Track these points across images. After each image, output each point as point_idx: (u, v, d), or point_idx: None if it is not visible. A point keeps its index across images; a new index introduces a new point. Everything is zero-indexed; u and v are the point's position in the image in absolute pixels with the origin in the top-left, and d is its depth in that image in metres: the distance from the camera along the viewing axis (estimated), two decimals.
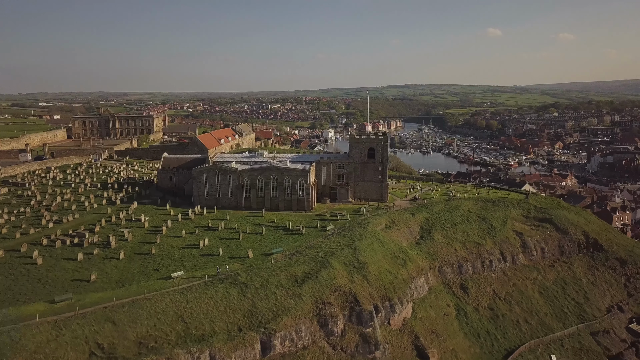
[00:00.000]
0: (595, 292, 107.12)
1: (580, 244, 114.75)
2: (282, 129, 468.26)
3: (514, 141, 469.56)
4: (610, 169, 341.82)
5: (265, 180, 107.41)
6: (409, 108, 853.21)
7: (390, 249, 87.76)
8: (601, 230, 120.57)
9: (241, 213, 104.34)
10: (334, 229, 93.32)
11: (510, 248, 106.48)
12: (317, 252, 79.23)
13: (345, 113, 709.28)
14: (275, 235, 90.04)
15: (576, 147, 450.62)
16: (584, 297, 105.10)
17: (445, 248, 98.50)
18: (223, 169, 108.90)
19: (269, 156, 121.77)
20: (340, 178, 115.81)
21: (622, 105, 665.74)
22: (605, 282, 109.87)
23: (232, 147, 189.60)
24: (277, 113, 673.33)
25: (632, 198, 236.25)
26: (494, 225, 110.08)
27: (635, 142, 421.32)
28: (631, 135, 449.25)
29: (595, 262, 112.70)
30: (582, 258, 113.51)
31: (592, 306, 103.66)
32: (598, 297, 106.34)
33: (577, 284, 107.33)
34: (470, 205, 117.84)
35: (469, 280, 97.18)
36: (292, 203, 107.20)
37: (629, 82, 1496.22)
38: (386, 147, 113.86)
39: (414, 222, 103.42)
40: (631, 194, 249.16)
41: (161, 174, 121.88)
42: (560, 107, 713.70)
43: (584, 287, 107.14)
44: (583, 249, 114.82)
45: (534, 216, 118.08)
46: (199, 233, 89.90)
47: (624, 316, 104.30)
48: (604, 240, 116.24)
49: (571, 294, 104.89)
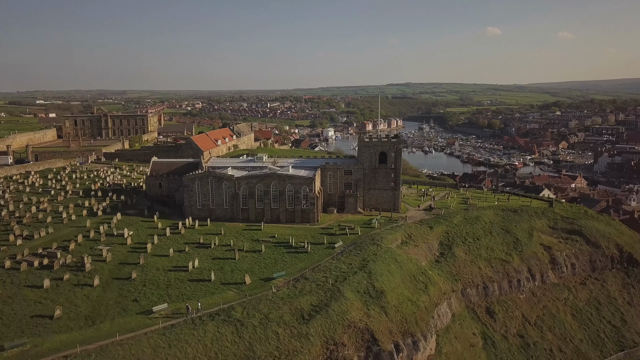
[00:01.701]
0: (633, 313, 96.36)
1: (614, 258, 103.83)
2: (281, 128, 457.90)
3: (517, 141, 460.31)
4: (619, 170, 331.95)
5: (265, 189, 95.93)
6: (409, 107, 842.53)
7: (409, 271, 76.38)
8: (635, 242, 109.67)
9: (237, 226, 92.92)
10: (343, 246, 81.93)
11: (539, 264, 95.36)
12: (326, 277, 67.80)
13: (345, 112, 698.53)
14: (276, 253, 78.58)
15: (581, 146, 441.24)
16: (620, 319, 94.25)
17: (468, 266, 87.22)
18: (217, 175, 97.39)
19: (269, 161, 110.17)
20: (348, 185, 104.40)
21: (625, 104, 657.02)
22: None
23: (229, 149, 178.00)
24: (277, 111, 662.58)
25: None
26: (519, 238, 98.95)
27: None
28: (637, 135, 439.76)
29: (631, 279, 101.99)
30: (616, 274, 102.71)
31: (631, 330, 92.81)
32: (636, 319, 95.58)
33: (612, 304, 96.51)
34: (491, 215, 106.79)
35: (495, 303, 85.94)
36: (295, 214, 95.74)
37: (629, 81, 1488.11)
38: (399, 151, 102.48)
39: (433, 236, 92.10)
40: None
41: (150, 181, 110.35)
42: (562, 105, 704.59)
43: (620, 307, 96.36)
44: (616, 264, 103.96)
45: (561, 227, 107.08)
46: (189, 251, 78.42)
47: None
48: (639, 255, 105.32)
49: (607, 316, 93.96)
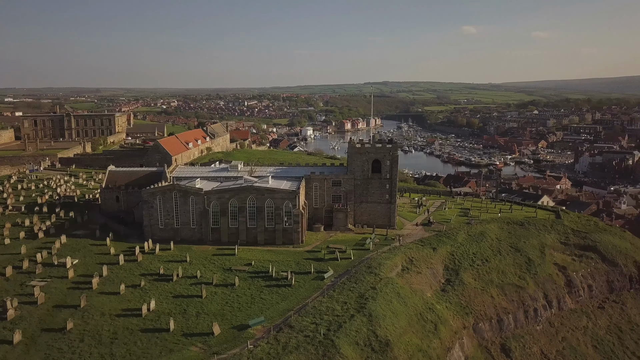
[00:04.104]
0: None
1: (632, 277, 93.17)
2: (259, 127, 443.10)
3: (497, 140, 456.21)
4: (600, 170, 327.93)
5: (240, 205, 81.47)
6: (387, 105, 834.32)
7: (414, 308, 63.23)
8: None
9: (207, 250, 78.29)
10: (334, 277, 68.25)
11: (555, 289, 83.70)
12: (316, 324, 53.97)
13: (323, 110, 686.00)
14: (253, 288, 64.36)
15: (560, 145, 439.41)
16: None
17: (479, 295, 74.64)
18: (183, 189, 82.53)
19: (244, 170, 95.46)
20: (337, 198, 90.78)
21: (600, 103, 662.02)
22: None
23: (202, 152, 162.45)
24: (254, 110, 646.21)
25: (636, 204, 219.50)
26: (531, 258, 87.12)
27: (619, 140, 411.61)
28: (614, 134, 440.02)
29: None
30: (635, 295, 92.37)
31: None
32: None
33: (634, 331, 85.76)
34: (496, 230, 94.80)
35: (510, 338, 73.62)
36: (276, 234, 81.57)
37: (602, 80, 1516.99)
38: (396, 158, 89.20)
39: (437, 259, 79.21)
40: (633, 198, 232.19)
41: (105, 194, 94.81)
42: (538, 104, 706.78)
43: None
44: (635, 283, 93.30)
45: (573, 243, 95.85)
46: (146, 287, 63.67)
47: None
48: None
49: (630, 345, 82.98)
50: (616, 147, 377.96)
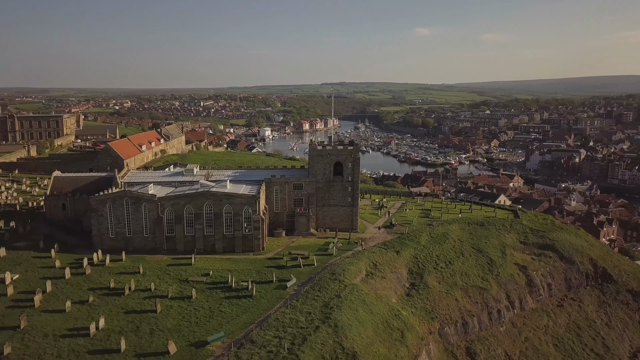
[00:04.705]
0: (613, 336, 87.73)
1: (588, 274, 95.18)
2: (216, 127, 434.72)
3: (452, 139, 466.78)
4: (550, 168, 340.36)
5: (196, 211, 77.50)
6: (344, 106, 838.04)
7: (380, 315, 61.45)
8: (605, 255, 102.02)
9: (161, 260, 73.96)
10: (297, 285, 65.63)
11: (517, 289, 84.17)
12: (280, 337, 51.24)
13: (281, 111, 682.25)
14: (211, 300, 60.90)
15: (512, 144, 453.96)
16: (602, 344, 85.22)
17: (444, 299, 73.79)
18: (135, 195, 77.77)
19: (201, 174, 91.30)
20: (298, 202, 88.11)
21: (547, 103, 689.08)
22: (620, 321, 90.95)
23: (156, 155, 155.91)
24: (211, 110, 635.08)
25: (584, 201, 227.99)
26: (493, 259, 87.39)
27: (566, 139, 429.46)
28: (561, 133, 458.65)
29: (606, 297, 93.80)
30: (591, 292, 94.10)
31: (614, 357, 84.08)
32: (617, 343, 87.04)
33: (591, 328, 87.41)
34: (458, 231, 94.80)
35: (475, 341, 73.15)
36: (235, 242, 78.05)
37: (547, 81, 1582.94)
38: (357, 161, 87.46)
39: (401, 263, 77.91)
40: (582, 195, 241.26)
41: (50, 201, 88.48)
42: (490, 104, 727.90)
43: (600, 331, 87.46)
44: (591, 280, 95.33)
45: (532, 242, 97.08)
46: (95, 303, 59.10)
47: None
48: (612, 268, 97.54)
49: (589, 342, 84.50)
50: (563, 146, 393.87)
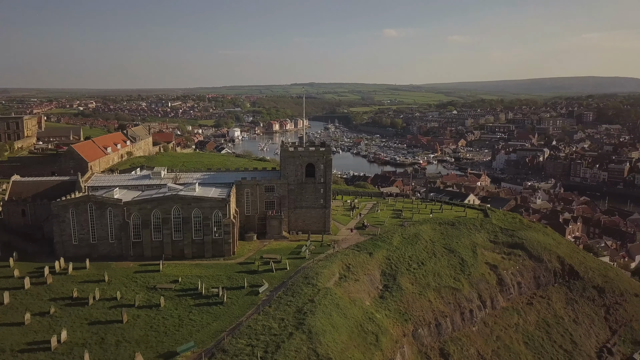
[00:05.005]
0: (580, 332, 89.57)
1: (556, 272, 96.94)
2: (184, 128, 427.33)
3: (420, 139, 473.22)
4: (515, 167, 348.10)
5: (164, 216, 75.08)
6: (314, 106, 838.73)
7: (354, 319, 60.67)
8: (572, 252, 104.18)
9: (128, 267, 71.33)
10: (269, 290, 64.21)
11: (488, 288, 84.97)
12: (252, 345, 49.79)
13: (251, 111, 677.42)
14: (180, 308, 58.89)
15: (478, 144, 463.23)
16: (570, 341, 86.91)
17: (417, 300, 73.64)
18: (99, 200, 74.79)
19: (168, 177, 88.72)
20: (270, 205, 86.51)
21: (512, 103, 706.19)
22: (587, 317, 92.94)
23: (122, 157, 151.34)
24: (179, 111, 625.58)
25: (549, 199, 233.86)
26: (464, 259, 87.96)
27: (530, 138, 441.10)
28: (526, 133, 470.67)
29: (573, 293, 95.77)
30: (559, 289, 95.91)
31: (582, 353, 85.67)
32: (584, 338, 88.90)
33: (560, 325, 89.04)
34: (429, 231, 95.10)
35: (448, 341, 73.30)
36: (205, 247, 75.99)
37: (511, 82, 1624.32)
38: (330, 162, 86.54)
39: (373, 264, 77.41)
40: (546, 193, 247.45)
41: (9, 207, 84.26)
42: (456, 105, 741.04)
43: (568, 327, 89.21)
44: (559, 278, 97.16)
45: (502, 241, 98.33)
46: (56, 314, 56.30)
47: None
48: (578, 265, 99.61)
49: (557, 339, 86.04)
50: (528, 145, 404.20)
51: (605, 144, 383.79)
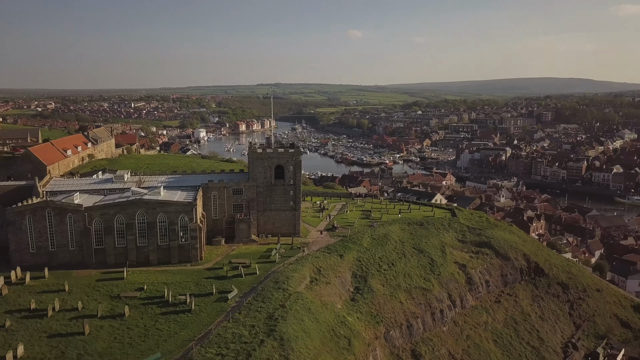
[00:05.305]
0: (546, 328, 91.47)
1: (523, 270, 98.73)
2: (148, 129, 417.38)
3: (386, 139, 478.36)
4: (479, 166, 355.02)
5: (128, 221, 72.35)
6: (280, 107, 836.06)
7: (326, 324, 59.77)
8: (537, 250, 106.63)
9: (90, 275, 68.34)
10: (239, 296, 62.60)
11: (458, 288, 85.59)
12: (222, 355, 48.19)
13: (216, 112, 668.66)
14: (146, 317, 56.64)
15: (443, 144, 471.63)
16: (537, 337, 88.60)
17: (388, 302, 73.39)
18: (59, 206, 71.41)
19: (132, 180, 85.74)
20: (238, 208, 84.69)
21: (474, 104, 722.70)
22: (552, 313, 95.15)
23: (83, 160, 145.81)
24: (142, 112, 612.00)
25: (512, 196, 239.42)
26: (434, 259, 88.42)
27: (492, 138, 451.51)
28: (488, 132, 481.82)
29: (539, 290, 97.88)
30: (525, 287, 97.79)
31: (548, 349, 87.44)
32: (550, 334, 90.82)
33: (527, 322, 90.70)
34: (398, 231, 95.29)
35: (420, 342, 73.32)
36: (171, 252, 73.60)
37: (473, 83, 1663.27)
38: (299, 163, 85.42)
39: (344, 267, 76.76)
40: (509, 191, 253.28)
41: None
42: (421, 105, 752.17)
43: (535, 324, 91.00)
44: (525, 275, 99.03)
45: (470, 240, 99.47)
46: (12, 328, 53.14)
47: (579, 354, 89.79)
48: (543, 263, 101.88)
49: (525, 336, 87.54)
50: (491, 144, 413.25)
51: (564, 142, 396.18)
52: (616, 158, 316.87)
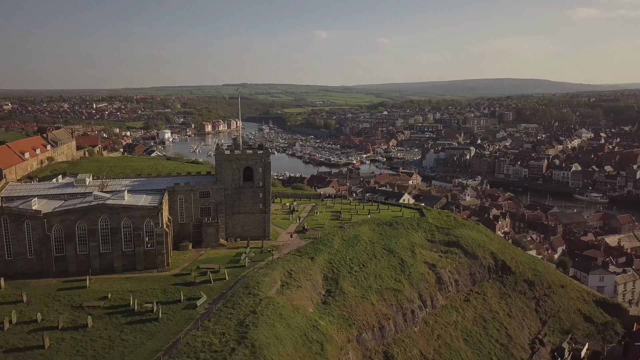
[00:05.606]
0: (514, 325, 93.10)
1: (490, 268, 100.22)
2: (110, 131, 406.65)
3: (353, 140, 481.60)
4: (444, 165, 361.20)
5: (90, 227, 69.49)
6: (247, 107, 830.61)
7: (299, 329, 58.84)
8: (503, 248, 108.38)
9: (50, 284, 65.26)
10: (208, 303, 60.92)
11: (428, 288, 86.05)
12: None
13: (181, 112, 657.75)
14: (110, 328, 54.36)
15: (409, 143, 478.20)
16: (505, 335, 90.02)
17: (360, 304, 73.01)
18: (15, 212, 67.94)
19: (94, 184, 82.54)
20: (206, 211, 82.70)
21: (439, 104, 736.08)
22: (519, 310, 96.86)
23: (42, 163, 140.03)
24: (104, 113, 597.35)
25: (476, 195, 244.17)
26: (404, 259, 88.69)
27: (456, 137, 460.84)
28: (452, 132, 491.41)
29: (506, 288, 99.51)
30: (493, 284, 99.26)
31: (517, 345, 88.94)
32: (517, 331, 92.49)
33: (495, 320, 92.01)
34: (368, 232, 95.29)
35: (392, 344, 73.28)
36: (137, 258, 71.13)
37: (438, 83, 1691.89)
38: (268, 165, 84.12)
39: (316, 269, 75.96)
40: (474, 190, 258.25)
41: None
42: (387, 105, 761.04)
43: (503, 321, 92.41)
44: (493, 273, 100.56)
45: (439, 240, 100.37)
46: None
47: (546, 350, 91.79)
48: (510, 260, 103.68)
49: (494, 334, 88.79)
50: (455, 144, 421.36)
51: (525, 142, 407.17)
52: (574, 156, 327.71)
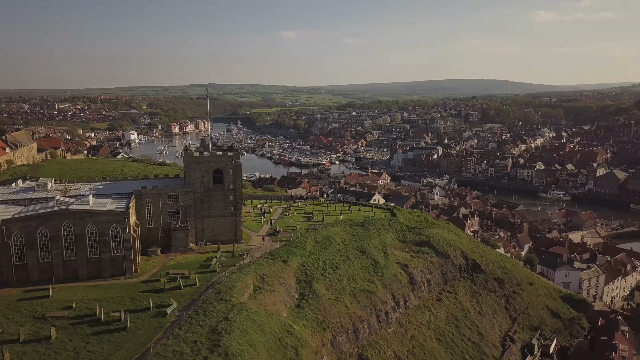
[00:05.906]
0: (485, 323, 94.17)
1: (461, 267, 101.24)
2: (74, 132, 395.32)
3: (322, 140, 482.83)
4: (412, 164, 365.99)
5: (53, 233, 66.45)
6: (215, 107, 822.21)
7: (273, 334, 57.64)
8: (473, 246, 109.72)
9: (10, 294, 62.00)
10: (179, 310, 59.05)
11: (401, 288, 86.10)
12: None
13: (148, 113, 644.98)
14: (76, 339, 51.92)
15: (377, 144, 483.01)
16: (477, 333, 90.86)
17: (334, 307, 72.28)
18: None
19: (57, 189, 79.13)
20: (174, 215, 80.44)
21: (406, 104, 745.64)
22: (490, 308, 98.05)
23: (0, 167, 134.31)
24: (67, 114, 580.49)
25: (445, 194, 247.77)
26: (377, 260, 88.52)
27: (424, 137, 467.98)
28: (420, 132, 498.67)
29: (477, 286, 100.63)
30: (464, 283, 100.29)
31: (488, 343, 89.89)
32: (489, 329, 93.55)
33: (467, 318, 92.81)
34: (340, 233, 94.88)
35: (366, 346, 72.82)
36: (103, 265, 68.45)
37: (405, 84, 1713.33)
38: (239, 167, 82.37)
39: (289, 273, 74.84)
40: (443, 189, 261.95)
41: None
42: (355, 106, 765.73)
43: (474, 320, 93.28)
44: (464, 272, 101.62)
45: (410, 240, 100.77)
46: None
47: (516, 347, 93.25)
48: (480, 259, 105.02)
49: (466, 333, 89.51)
50: (423, 144, 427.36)
51: (490, 141, 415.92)
52: (538, 155, 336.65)
